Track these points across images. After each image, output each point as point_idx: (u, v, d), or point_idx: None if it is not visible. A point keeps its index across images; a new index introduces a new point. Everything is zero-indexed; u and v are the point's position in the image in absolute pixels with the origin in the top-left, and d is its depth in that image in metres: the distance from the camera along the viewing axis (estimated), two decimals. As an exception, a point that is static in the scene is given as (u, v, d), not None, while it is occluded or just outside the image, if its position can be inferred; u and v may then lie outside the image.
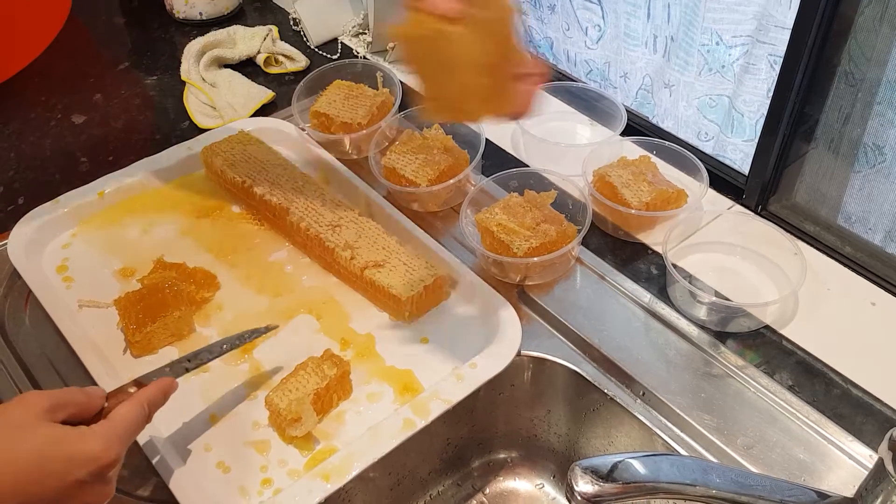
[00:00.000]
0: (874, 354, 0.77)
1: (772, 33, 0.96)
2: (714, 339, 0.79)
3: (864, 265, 0.84)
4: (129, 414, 0.61)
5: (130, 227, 0.92)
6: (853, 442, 0.70)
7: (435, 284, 0.81)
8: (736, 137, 1.08)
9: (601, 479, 0.53)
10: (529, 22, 1.29)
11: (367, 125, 0.98)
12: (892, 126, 0.86)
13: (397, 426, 0.71)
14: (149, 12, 1.30)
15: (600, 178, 0.90)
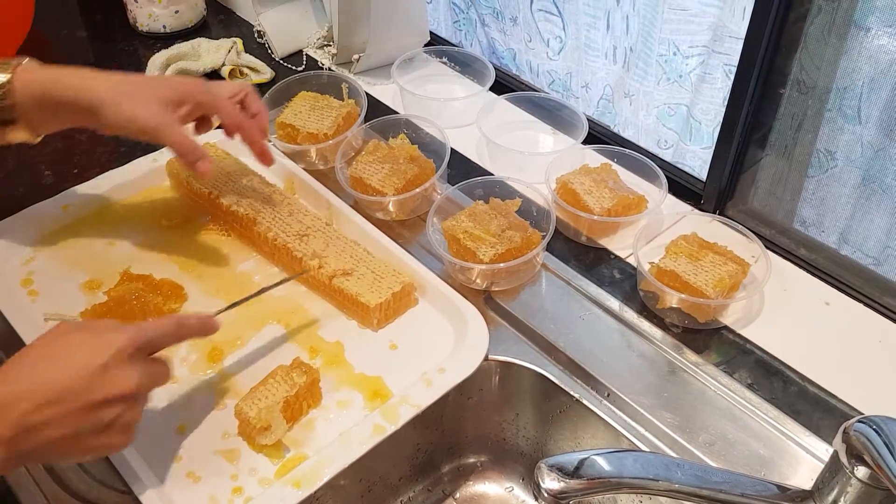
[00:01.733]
0: (829, 353, 0.79)
1: (727, 43, 0.99)
2: (676, 340, 0.81)
3: (819, 267, 0.87)
4: (156, 320, 0.65)
5: (96, 240, 0.91)
6: (810, 437, 0.73)
7: (403, 291, 0.82)
8: (694, 145, 1.10)
9: (567, 475, 0.54)
10: (493, 34, 1.31)
11: (333, 136, 0.99)
12: (842, 132, 0.89)
13: (367, 432, 0.72)
14: (112, 25, 1.29)
15: (563, 185, 0.91)
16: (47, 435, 0.57)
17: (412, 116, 1.04)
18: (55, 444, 0.58)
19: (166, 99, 0.79)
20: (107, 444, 0.60)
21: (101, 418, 0.59)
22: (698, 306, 0.80)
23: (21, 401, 0.56)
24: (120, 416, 0.60)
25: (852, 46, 0.83)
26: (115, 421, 0.60)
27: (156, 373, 0.64)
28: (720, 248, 0.84)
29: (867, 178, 0.91)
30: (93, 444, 0.59)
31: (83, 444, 0.59)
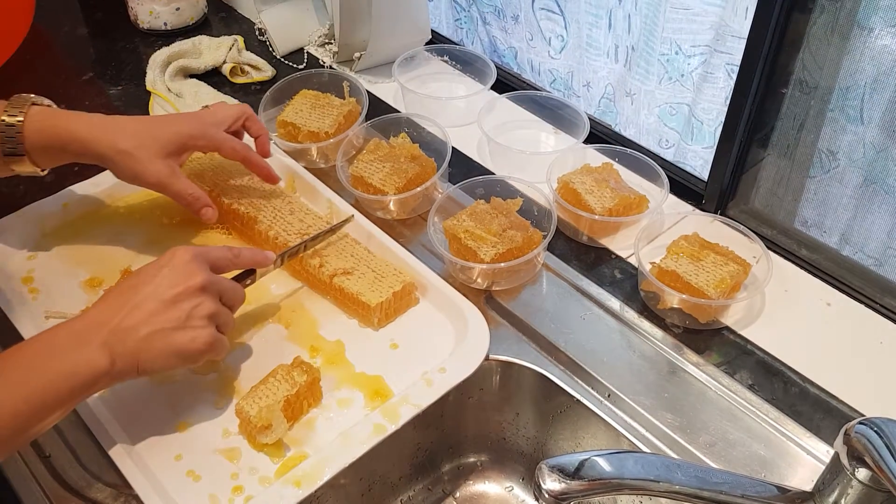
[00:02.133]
0: (830, 353, 0.79)
1: (729, 43, 0.99)
2: (677, 340, 0.80)
3: (820, 267, 0.87)
4: (219, 248, 0.74)
5: (97, 238, 0.91)
6: (811, 438, 0.73)
7: (403, 290, 0.82)
8: (696, 144, 1.10)
9: (568, 476, 0.54)
10: (494, 32, 1.31)
11: (334, 134, 0.99)
12: (844, 132, 0.89)
13: (368, 431, 0.72)
14: (112, 23, 1.29)
15: (564, 184, 0.91)
16: (140, 332, 0.66)
17: (413, 115, 1.04)
18: (149, 342, 0.66)
19: (168, 150, 0.82)
20: (191, 339, 0.67)
21: (180, 312, 0.67)
22: (699, 307, 0.80)
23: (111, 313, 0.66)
24: (196, 308, 0.68)
25: (855, 46, 0.83)
26: (193, 313, 0.68)
27: (223, 283, 0.72)
28: (721, 248, 0.84)
29: (869, 178, 0.91)
30: (180, 338, 0.67)
31: (172, 340, 0.67)
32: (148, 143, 0.81)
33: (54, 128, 0.80)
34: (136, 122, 0.83)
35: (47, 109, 0.81)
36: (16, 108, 0.79)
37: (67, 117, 0.81)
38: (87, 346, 0.64)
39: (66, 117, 0.81)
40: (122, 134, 0.81)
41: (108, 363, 0.64)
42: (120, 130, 0.81)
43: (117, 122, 0.82)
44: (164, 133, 0.82)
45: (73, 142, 0.80)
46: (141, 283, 0.68)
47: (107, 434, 0.71)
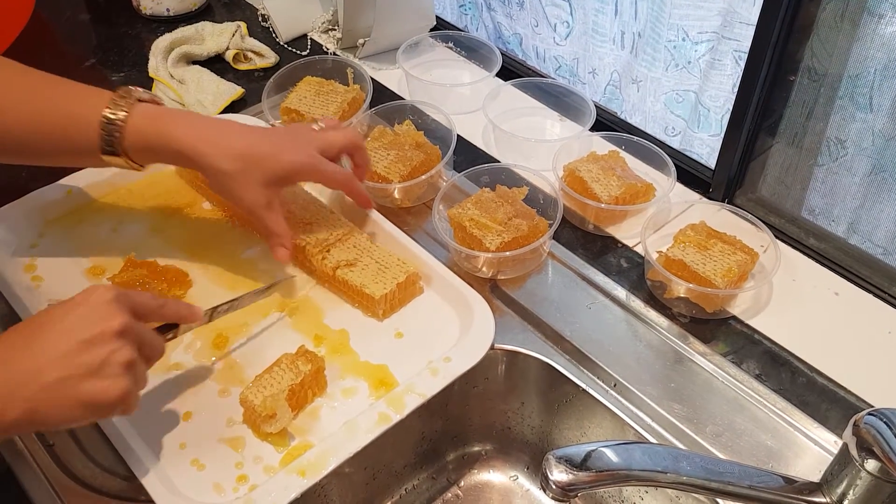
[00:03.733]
0: (838, 343, 0.79)
1: (736, 29, 0.98)
2: (683, 330, 0.80)
3: (828, 256, 0.86)
4: (143, 293, 0.67)
5: (100, 226, 0.91)
6: (818, 428, 0.72)
7: (408, 281, 0.82)
8: (702, 132, 1.10)
9: (575, 467, 0.54)
10: (499, 18, 1.30)
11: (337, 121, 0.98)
12: (853, 120, 0.88)
13: (372, 421, 0.71)
14: (114, 9, 1.28)
15: (570, 172, 0.91)
16: (43, 378, 0.57)
17: (418, 102, 1.03)
18: (53, 391, 0.57)
19: (271, 181, 0.77)
20: (105, 388, 0.59)
21: (93, 357, 0.58)
22: (706, 296, 0.80)
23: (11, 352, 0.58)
24: (112, 354, 0.59)
25: (865, 33, 0.82)
26: (107, 360, 0.59)
27: (144, 332, 0.64)
28: (729, 237, 0.83)
29: (878, 167, 0.90)
30: (91, 388, 0.58)
31: (80, 389, 0.58)
32: (252, 170, 0.76)
33: (157, 132, 0.75)
34: (244, 141, 0.76)
35: (153, 108, 0.76)
36: (120, 103, 0.74)
37: (174, 122, 0.75)
38: None
39: (173, 121, 0.75)
40: (227, 154, 0.75)
41: None
42: (226, 148, 0.75)
43: (224, 137, 0.76)
44: (272, 163, 0.76)
45: (174, 151, 0.75)
46: (50, 322, 0.60)
47: (111, 423, 0.71)
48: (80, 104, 0.75)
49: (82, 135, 0.75)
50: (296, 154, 0.77)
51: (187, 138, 0.74)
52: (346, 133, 0.83)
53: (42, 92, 0.76)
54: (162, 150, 0.76)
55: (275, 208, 0.78)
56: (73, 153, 0.78)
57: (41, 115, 0.75)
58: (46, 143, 0.76)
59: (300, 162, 0.78)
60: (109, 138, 0.74)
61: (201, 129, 0.75)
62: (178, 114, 0.78)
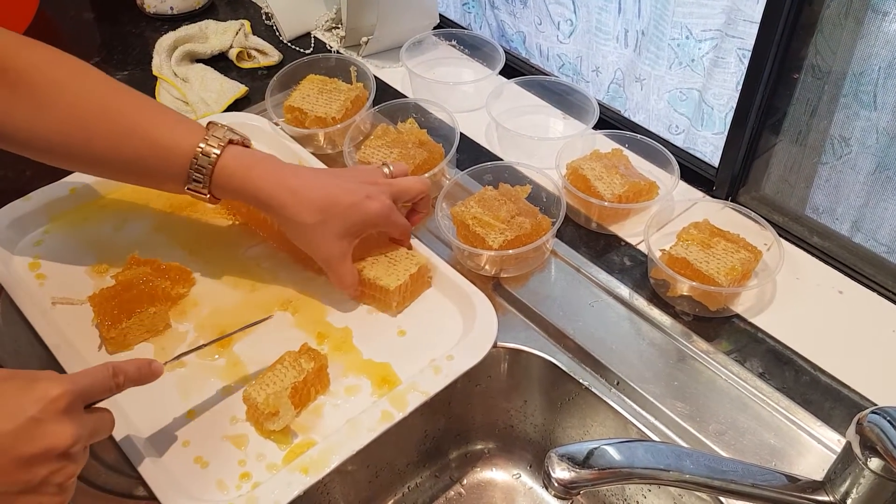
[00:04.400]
0: (842, 342, 0.79)
1: (740, 27, 0.98)
2: (686, 328, 0.80)
3: (832, 255, 0.86)
4: (90, 369, 0.60)
5: (103, 224, 0.91)
6: (822, 427, 0.72)
7: (419, 273, 0.82)
8: (706, 130, 1.09)
9: (577, 465, 0.54)
10: (502, 16, 1.30)
11: (341, 119, 0.98)
12: (857, 118, 0.88)
13: (375, 419, 0.71)
14: (118, 7, 1.28)
15: (574, 171, 0.91)
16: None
17: (421, 100, 1.03)
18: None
19: (353, 231, 0.78)
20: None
21: (32, 477, 0.54)
22: (709, 294, 0.80)
23: None
24: (53, 475, 0.55)
25: (869, 31, 0.82)
26: (47, 479, 0.55)
27: (94, 425, 0.59)
28: (732, 235, 0.83)
29: (882, 165, 0.90)
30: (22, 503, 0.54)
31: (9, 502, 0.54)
32: (332, 222, 0.76)
33: (244, 178, 0.76)
34: (324, 192, 0.76)
35: (241, 151, 0.77)
36: (212, 142, 0.75)
37: (260, 168, 0.76)
38: None
39: (259, 168, 0.76)
40: (309, 206, 0.75)
41: None
42: (307, 201, 0.75)
43: (305, 188, 0.76)
44: (352, 215, 0.77)
45: (257, 199, 0.76)
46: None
47: (115, 420, 0.71)
48: (173, 134, 0.75)
49: (171, 165, 0.75)
50: (375, 205, 0.78)
51: (270, 188, 0.75)
52: (419, 182, 0.84)
53: (130, 112, 0.76)
54: (244, 194, 0.77)
55: (348, 259, 0.79)
56: (153, 179, 0.79)
57: (128, 137, 0.75)
58: (128, 164, 0.77)
59: (377, 213, 0.78)
60: (198, 174, 0.75)
61: (284, 179, 0.76)
62: (264, 160, 0.78)
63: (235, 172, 0.75)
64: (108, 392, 0.61)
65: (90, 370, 0.60)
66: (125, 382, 0.63)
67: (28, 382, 0.56)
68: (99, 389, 0.60)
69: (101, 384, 0.60)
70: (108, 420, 0.62)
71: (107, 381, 0.61)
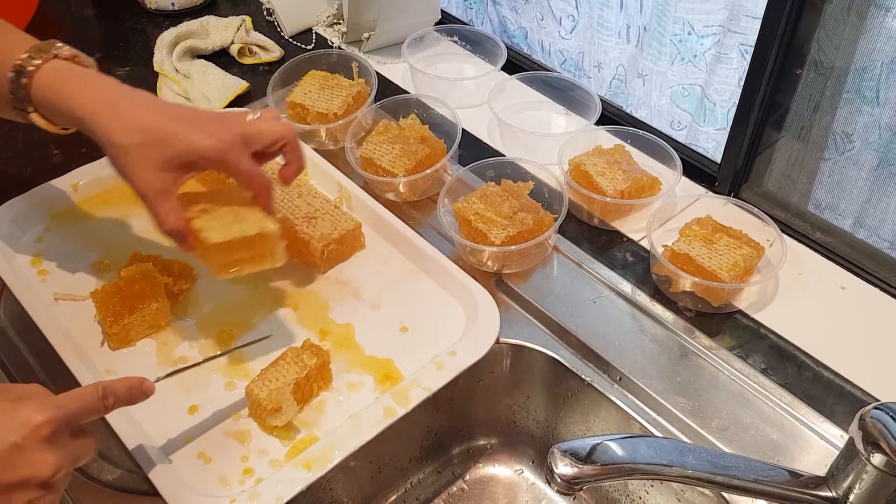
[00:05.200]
0: (844, 337, 0.79)
1: (743, 23, 0.97)
2: (688, 324, 0.80)
3: (834, 250, 0.86)
4: (79, 391, 0.58)
5: (105, 220, 0.91)
6: (824, 423, 0.72)
7: (258, 237, 0.73)
8: (708, 126, 1.09)
9: (580, 461, 0.54)
10: (504, 12, 1.30)
11: (343, 115, 0.98)
12: (860, 114, 0.88)
13: (378, 415, 0.72)
14: (119, 3, 1.28)
15: (576, 166, 0.90)
16: None
17: (423, 96, 1.03)
18: None
19: (171, 164, 0.67)
20: None
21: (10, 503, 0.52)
22: (712, 290, 0.79)
23: None
24: (32, 502, 0.53)
25: (872, 26, 0.81)
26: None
27: (77, 451, 0.56)
28: (735, 231, 0.83)
29: (884, 160, 0.90)
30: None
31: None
32: (150, 147, 0.66)
33: (59, 92, 0.68)
34: (150, 113, 0.67)
35: (65, 66, 0.69)
36: (35, 56, 0.68)
37: (81, 83, 0.68)
38: None
39: (80, 83, 0.68)
40: (127, 126, 0.66)
41: None
42: (128, 120, 0.66)
43: (130, 107, 0.67)
44: (176, 143, 0.67)
45: (73, 116, 0.68)
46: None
47: (117, 416, 0.71)
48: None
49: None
50: (208, 138, 0.67)
51: (89, 104, 0.67)
52: (280, 125, 0.72)
53: None
54: (63, 113, 0.69)
55: (170, 196, 0.68)
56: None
57: None
58: None
59: (210, 147, 0.67)
60: (16, 91, 0.68)
61: (107, 95, 0.68)
62: (89, 76, 0.69)
63: (52, 86, 0.68)
64: (96, 414, 0.58)
65: (79, 392, 0.57)
66: (114, 404, 0.60)
67: (11, 405, 0.53)
68: (86, 413, 0.57)
69: (88, 407, 0.57)
70: (92, 445, 0.58)
71: (95, 404, 0.58)
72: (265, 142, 0.71)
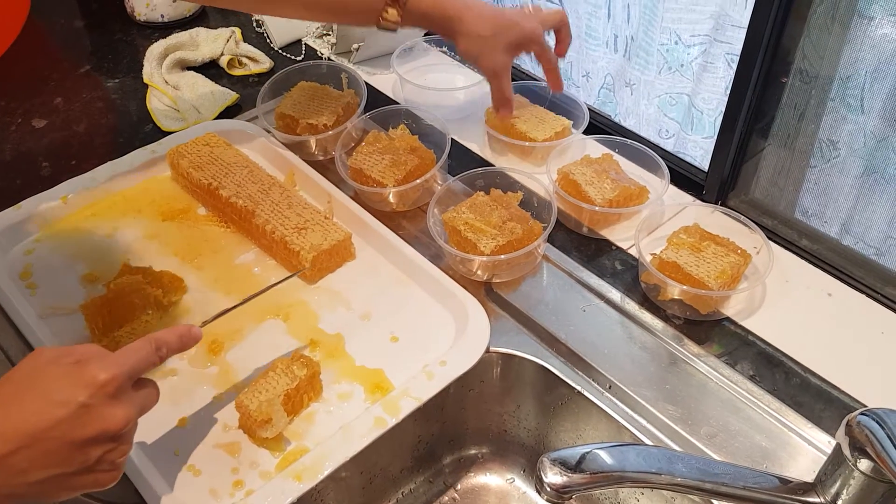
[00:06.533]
0: (831, 344, 0.79)
1: (729, 32, 0.98)
2: (677, 331, 0.80)
3: (821, 257, 0.86)
4: (133, 346, 0.61)
5: (95, 232, 0.91)
6: (812, 429, 0.72)
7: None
8: (696, 135, 1.10)
9: (569, 469, 0.54)
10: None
11: (332, 126, 0.98)
12: (845, 122, 0.89)
13: (368, 425, 0.72)
14: (109, 15, 1.28)
15: (564, 176, 0.91)
16: (30, 477, 0.54)
17: (412, 107, 1.04)
18: (39, 486, 0.55)
19: (515, 45, 0.92)
20: (94, 482, 0.57)
21: (87, 458, 0.56)
22: (700, 298, 0.80)
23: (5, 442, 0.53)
24: (107, 454, 0.57)
25: (856, 35, 0.82)
26: (102, 459, 0.56)
27: (141, 402, 0.60)
28: (722, 239, 0.83)
29: (869, 168, 0.90)
30: (79, 482, 0.57)
31: (69, 483, 0.56)
32: (502, 34, 0.90)
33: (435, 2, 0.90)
34: (494, 11, 0.91)
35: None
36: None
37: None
38: None
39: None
40: (485, 22, 0.90)
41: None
42: (484, 18, 0.90)
43: (479, 8, 0.91)
44: (516, 29, 0.91)
45: (444, 16, 0.90)
46: (47, 408, 0.54)
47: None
48: None
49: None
50: (532, 23, 0.92)
51: (454, 7, 0.90)
52: (555, 12, 0.97)
53: None
54: (434, 16, 0.91)
55: (508, 73, 0.93)
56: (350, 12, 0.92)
57: None
58: None
59: (532, 31, 0.92)
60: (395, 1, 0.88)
61: (464, 3, 0.91)
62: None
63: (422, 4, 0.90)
64: (153, 365, 0.62)
65: (134, 347, 0.61)
66: (167, 353, 0.64)
67: (76, 368, 0.57)
68: (144, 365, 0.61)
69: (145, 359, 0.61)
70: (154, 393, 0.63)
71: (151, 356, 0.62)
72: (551, 24, 0.96)
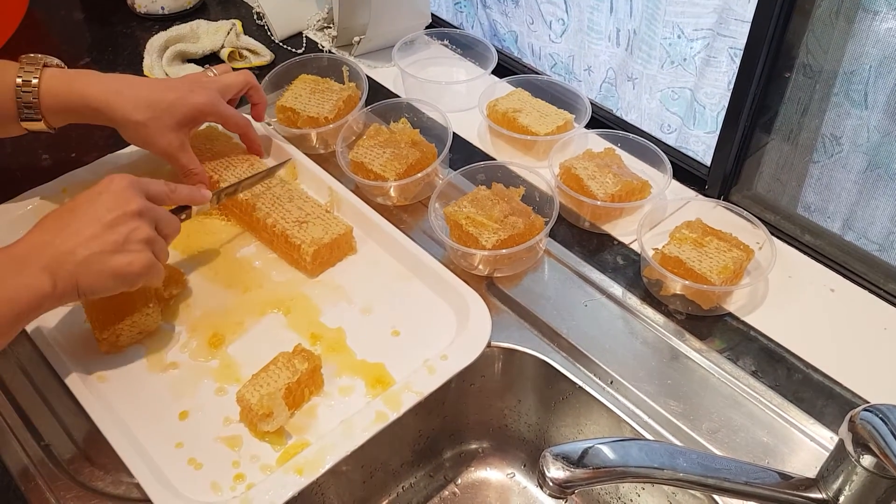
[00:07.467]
0: (834, 339, 0.79)
1: (732, 26, 0.98)
2: (679, 326, 0.80)
3: (824, 253, 0.86)
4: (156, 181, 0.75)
5: (95, 225, 0.91)
6: (814, 424, 0.72)
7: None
8: (698, 129, 1.10)
9: (572, 464, 0.54)
10: (494, 16, 1.30)
11: (333, 119, 0.98)
12: (848, 117, 0.88)
13: (369, 419, 0.71)
14: (109, 7, 1.28)
15: (566, 170, 0.91)
16: (75, 257, 0.67)
17: (413, 100, 1.03)
18: (85, 266, 0.67)
19: (181, 123, 0.86)
20: (129, 261, 0.69)
21: (118, 235, 0.69)
22: (702, 293, 0.80)
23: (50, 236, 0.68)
24: (133, 232, 0.70)
25: (860, 30, 0.82)
26: (130, 236, 0.69)
27: (158, 214, 0.73)
28: (724, 234, 0.83)
29: (873, 163, 0.90)
30: (117, 262, 0.69)
31: (109, 263, 0.68)
32: (161, 115, 0.84)
33: (70, 92, 0.82)
34: (150, 91, 0.85)
35: (59, 71, 0.83)
36: (29, 69, 0.81)
37: (83, 81, 0.83)
38: (27, 270, 0.66)
39: (82, 81, 0.83)
40: (138, 104, 0.83)
41: (50, 286, 0.66)
42: (136, 99, 0.83)
43: (133, 89, 0.84)
44: (179, 107, 0.85)
45: (88, 108, 0.83)
46: (78, 208, 0.70)
47: (108, 422, 0.71)
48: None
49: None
50: (199, 96, 0.86)
51: (100, 94, 0.82)
52: (240, 74, 0.92)
53: None
54: (76, 109, 0.83)
55: (187, 149, 0.87)
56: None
57: None
58: None
59: (203, 103, 0.86)
60: (28, 103, 0.81)
61: (109, 84, 0.83)
62: (84, 73, 0.84)
63: (60, 92, 0.82)
64: (164, 196, 0.75)
65: (150, 179, 0.75)
66: (177, 197, 0.77)
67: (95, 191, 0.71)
68: (155, 189, 0.74)
69: (156, 186, 0.75)
70: (175, 220, 0.76)
71: (163, 188, 0.75)
72: (236, 89, 0.91)
